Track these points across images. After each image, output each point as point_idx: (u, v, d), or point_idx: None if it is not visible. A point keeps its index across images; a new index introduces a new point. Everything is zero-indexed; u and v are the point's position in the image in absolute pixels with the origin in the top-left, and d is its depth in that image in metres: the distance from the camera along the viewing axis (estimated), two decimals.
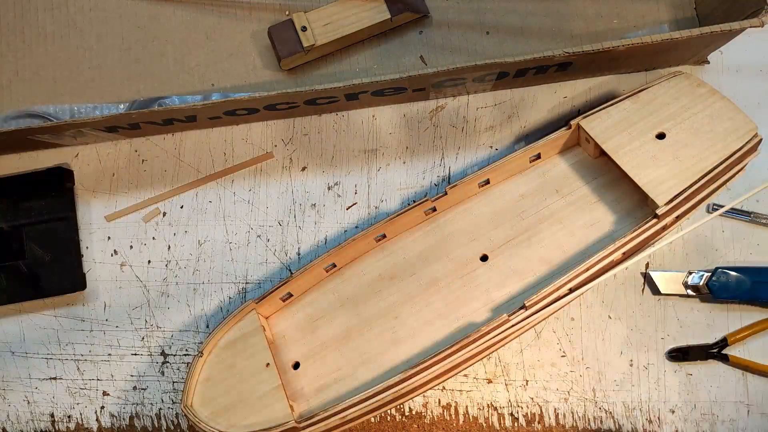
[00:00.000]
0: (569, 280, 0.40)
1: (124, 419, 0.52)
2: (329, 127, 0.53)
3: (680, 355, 0.49)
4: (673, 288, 0.49)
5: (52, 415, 0.53)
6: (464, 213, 0.48)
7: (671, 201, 0.40)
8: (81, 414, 0.52)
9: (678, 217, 0.41)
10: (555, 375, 0.50)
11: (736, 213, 0.50)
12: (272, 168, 0.53)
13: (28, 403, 0.53)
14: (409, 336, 0.45)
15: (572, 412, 0.50)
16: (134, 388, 0.52)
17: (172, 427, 0.52)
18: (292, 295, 0.48)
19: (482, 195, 0.48)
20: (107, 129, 0.49)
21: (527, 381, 0.50)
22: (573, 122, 0.46)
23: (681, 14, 0.51)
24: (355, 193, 0.52)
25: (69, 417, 0.52)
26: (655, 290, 0.50)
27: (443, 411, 0.50)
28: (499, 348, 0.45)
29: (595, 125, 0.45)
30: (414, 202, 0.51)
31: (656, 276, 0.49)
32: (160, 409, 0.52)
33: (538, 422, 0.50)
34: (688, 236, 0.50)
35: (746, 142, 0.41)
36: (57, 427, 0.52)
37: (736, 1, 0.45)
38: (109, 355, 0.52)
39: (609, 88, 0.52)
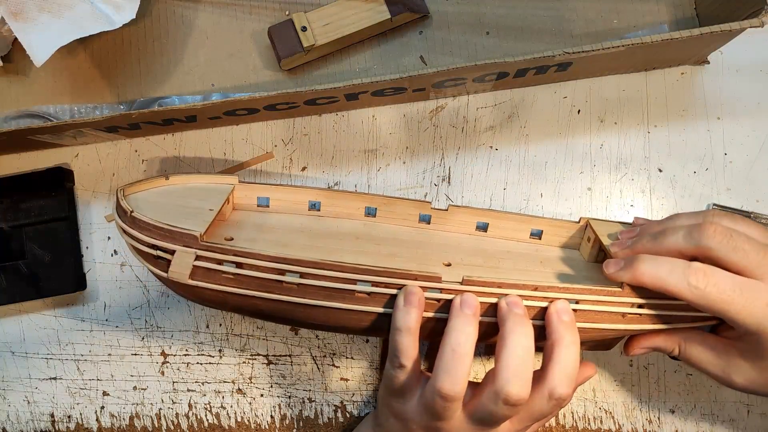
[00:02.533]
0: (515, 285, 0.38)
1: (124, 419, 0.52)
2: (329, 127, 0.53)
3: None
4: None
5: (52, 415, 0.53)
6: (449, 238, 0.48)
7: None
8: (81, 414, 0.52)
9: (641, 315, 0.40)
10: None
11: (735, 213, 0.50)
12: (272, 168, 0.53)
13: (28, 403, 0.53)
14: None
15: (572, 412, 0.50)
16: (134, 388, 0.52)
17: (172, 427, 0.52)
18: (268, 206, 0.48)
19: (473, 236, 0.49)
20: (107, 129, 0.49)
21: None
22: (582, 218, 0.47)
23: (681, 14, 0.51)
24: None
25: (69, 417, 0.52)
26: None
27: None
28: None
29: (601, 226, 0.45)
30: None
31: None
32: (160, 409, 0.52)
33: None
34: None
35: None
36: (57, 427, 0.52)
37: (736, 1, 0.45)
38: (109, 355, 0.52)
39: (609, 88, 0.52)
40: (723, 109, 0.51)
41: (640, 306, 0.40)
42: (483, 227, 0.48)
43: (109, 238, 0.53)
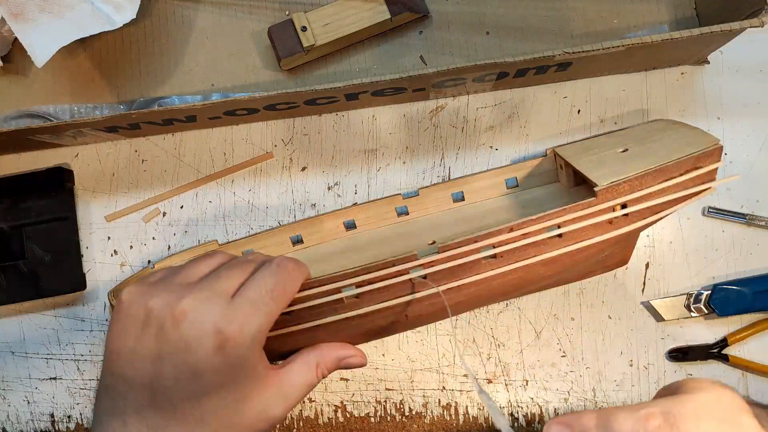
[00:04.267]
0: (489, 234, 0.38)
1: None
2: (329, 127, 0.53)
3: (680, 355, 0.49)
4: (676, 313, 0.49)
5: (52, 415, 0.53)
6: (431, 220, 0.49)
7: (612, 182, 0.38)
8: (81, 414, 0.52)
9: (629, 214, 0.39)
10: (555, 375, 0.50)
11: (732, 215, 0.50)
12: (272, 168, 0.53)
13: (28, 403, 0.53)
14: None
15: (572, 412, 0.50)
16: None
17: None
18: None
19: (453, 210, 0.49)
20: (107, 129, 0.49)
21: (527, 381, 0.50)
22: (548, 149, 0.47)
23: (681, 14, 0.51)
24: (355, 193, 0.52)
25: (69, 417, 0.52)
26: (659, 318, 0.50)
27: (443, 411, 0.50)
28: (404, 298, 0.40)
29: (567, 150, 0.45)
30: None
31: (657, 303, 0.49)
32: None
33: (539, 422, 0.50)
34: (687, 237, 0.50)
35: (703, 148, 0.39)
36: (57, 427, 0.52)
37: (736, 1, 0.45)
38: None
39: (609, 88, 0.52)
40: (723, 109, 0.51)
41: (623, 206, 0.39)
42: (459, 198, 0.48)
43: (109, 238, 0.53)
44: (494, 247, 0.38)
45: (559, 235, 0.38)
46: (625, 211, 0.39)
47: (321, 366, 0.39)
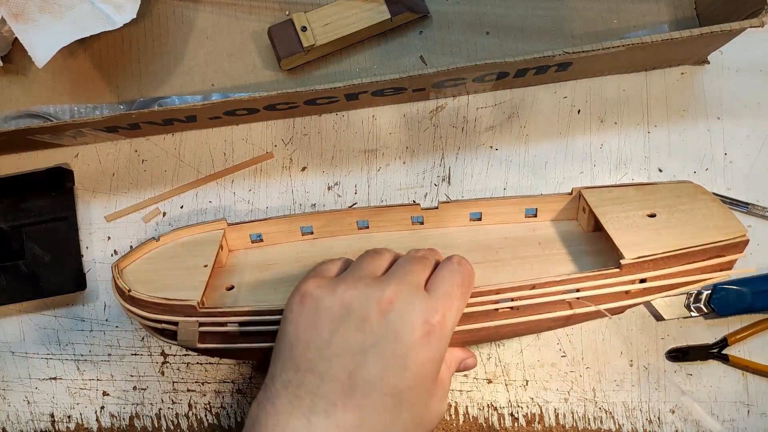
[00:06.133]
0: (508, 289, 0.39)
1: (124, 419, 0.52)
2: (329, 127, 0.53)
3: (680, 355, 0.49)
4: (676, 312, 0.49)
5: (52, 415, 0.53)
6: (446, 235, 0.48)
7: (639, 258, 0.39)
8: (81, 414, 0.52)
9: (645, 288, 0.40)
10: (555, 375, 0.50)
11: (734, 204, 0.50)
12: (272, 168, 0.53)
13: (28, 403, 0.53)
14: None
15: (572, 412, 0.50)
16: (134, 388, 0.52)
17: (172, 427, 0.52)
18: (262, 240, 0.48)
19: (469, 227, 0.48)
20: (107, 129, 0.49)
21: (527, 381, 0.50)
22: (574, 189, 0.46)
23: (681, 14, 0.51)
24: (355, 193, 0.52)
25: (69, 417, 0.52)
26: (659, 317, 0.50)
27: None
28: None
29: (593, 195, 0.45)
30: (414, 202, 0.51)
31: (657, 303, 0.49)
32: (160, 409, 0.52)
33: (538, 422, 0.50)
34: None
35: (731, 238, 0.40)
36: (57, 427, 0.52)
37: (736, 1, 0.45)
38: (109, 355, 0.52)
39: (609, 88, 0.52)
40: (723, 109, 0.51)
41: (641, 281, 0.39)
42: (477, 217, 0.48)
43: (109, 238, 0.53)
44: (513, 300, 0.39)
45: (577, 298, 0.39)
46: (644, 285, 0.40)
47: (451, 366, 0.40)
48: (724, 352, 0.49)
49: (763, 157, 0.51)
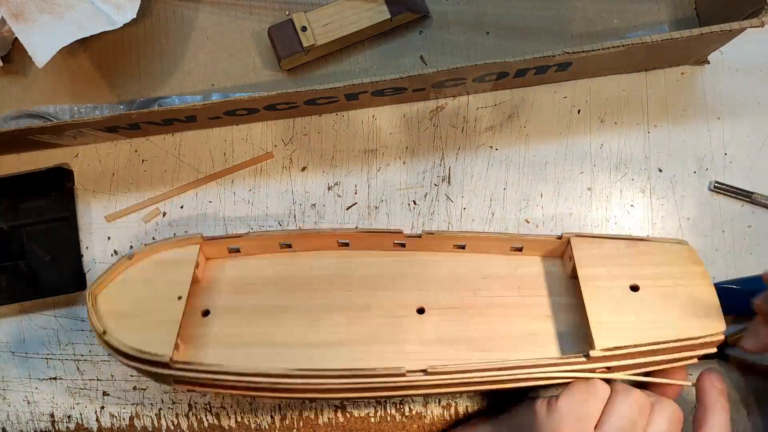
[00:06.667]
0: (476, 370, 0.40)
1: (124, 419, 0.52)
2: (329, 127, 0.53)
3: None
4: None
5: (52, 415, 0.53)
6: (427, 263, 0.47)
7: (608, 350, 0.40)
8: (81, 414, 0.52)
9: (611, 369, 0.41)
10: None
11: (736, 192, 0.50)
12: (272, 168, 0.53)
13: (28, 403, 0.53)
14: (314, 344, 0.44)
15: None
16: (134, 388, 0.52)
17: (172, 427, 0.52)
18: (239, 251, 0.48)
19: (451, 255, 0.47)
20: (107, 129, 0.49)
21: None
22: (565, 234, 0.45)
23: (681, 14, 0.51)
24: (355, 193, 0.52)
25: (69, 417, 0.52)
26: None
27: (443, 411, 0.50)
28: (386, 396, 0.47)
29: (582, 248, 0.44)
30: (414, 202, 0.51)
31: None
32: (160, 409, 0.52)
33: None
34: (687, 237, 0.50)
35: (707, 335, 0.41)
36: (57, 427, 0.52)
37: (736, 1, 0.45)
38: (109, 355, 0.52)
39: (609, 88, 0.52)
40: (723, 109, 0.51)
41: (608, 369, 0.41)
42: (461, 245, 0.47)
43: (109, 238, 0.53)
44: (481, 374, 0.41)
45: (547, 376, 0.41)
46: (610, 365, 0.41)
47: None
48: (724, 352, 0.49)
49: (763, 157, 0.51)
